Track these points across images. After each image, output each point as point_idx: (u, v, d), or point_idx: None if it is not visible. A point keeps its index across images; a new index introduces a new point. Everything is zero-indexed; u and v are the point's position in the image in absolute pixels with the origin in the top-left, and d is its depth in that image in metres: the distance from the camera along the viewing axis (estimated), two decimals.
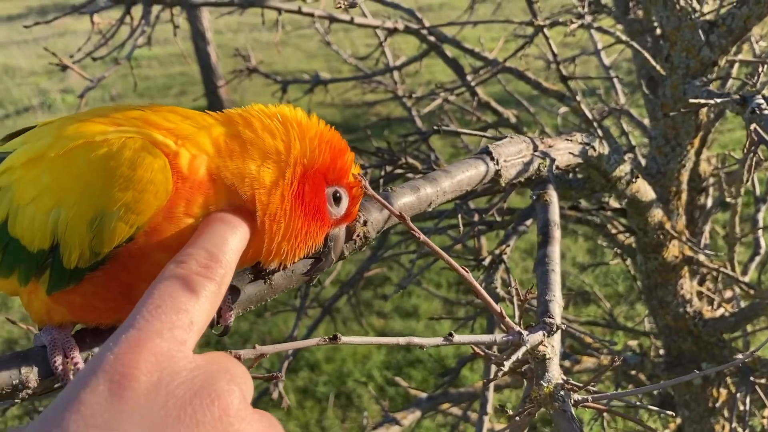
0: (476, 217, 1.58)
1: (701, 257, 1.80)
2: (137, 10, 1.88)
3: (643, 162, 2.10)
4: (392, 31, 2.11)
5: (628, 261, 2.48)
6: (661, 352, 2.35)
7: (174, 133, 0.64)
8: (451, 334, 0.65)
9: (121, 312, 0.63)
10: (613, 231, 2.01)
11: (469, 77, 2.21)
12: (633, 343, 2.59)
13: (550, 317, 0.77)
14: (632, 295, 4.43)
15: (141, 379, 0.45)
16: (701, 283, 2.14)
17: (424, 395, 2.23)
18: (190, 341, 0.50)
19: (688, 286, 1.83)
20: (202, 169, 0.63)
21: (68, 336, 0.65)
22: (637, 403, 0.78)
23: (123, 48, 1.93)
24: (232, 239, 0.60)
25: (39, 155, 0.64)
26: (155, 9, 1.89)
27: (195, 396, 0.45)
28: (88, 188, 0.60)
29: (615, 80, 2.78)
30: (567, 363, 2.04)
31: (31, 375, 0.62)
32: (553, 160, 1.05)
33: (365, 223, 0.79)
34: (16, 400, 0.61)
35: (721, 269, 1.90)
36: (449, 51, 2.20)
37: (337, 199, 0.71)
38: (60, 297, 0.64)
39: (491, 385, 1.38)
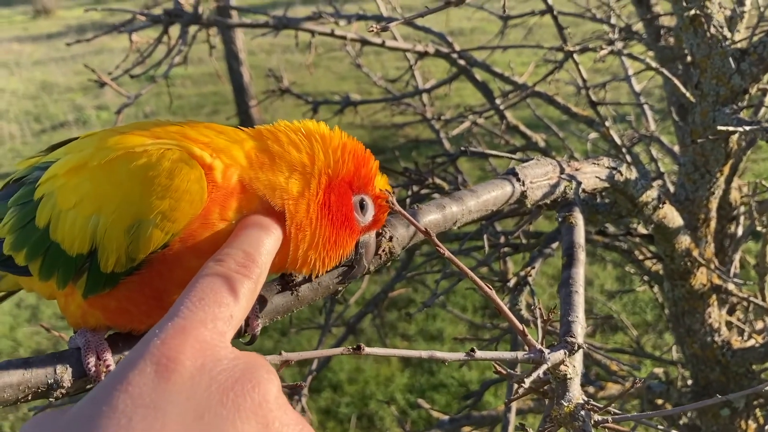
0: (502, 239, 1.59)
1: (730, 286, 1.78)
2: (175, 30, 1.93)
3: (671, 189, 2.09)
4: (423, 55, 2.14)
5: (656, 289, 2.45)
6: (689, 382, 2.31)
7: (210, 147, 0.67)
8: (473, 350, 0.66)
9: (152, 317, 0.66)
10: (641, 257, 2.00)
11: (498, 101, 2.23)
12: (659, 370, 2.55)
13: (572, 336, 0.77)
14: (660, 324, 4.36)
15: (186, 363, 0.47)
16: (731, 312, 2.11)
17: (446, 418, 2.23)
18: (228, 334, 0.53)
19: (716, 314, 1.80)
20: (235, 177, 0.66)
21: (101, 339, 0.68)
22: (660, 427, 0.78)
23: (159, 66, 1.99)
24: (267, 241, 0.63)
25: (81, 164, 0.67)
26: (192, 29, 1.95)
27: (236, 382, 0.48)
28: (128, 196, 0.63)
29: (645, 107, 2.78)
30: (591, 389, 2.02)
31: (65, 375, 0.64)
32: (579, 183, 1.06)
33: (390, 238, 0.80)
34: (51, 399, 0.64)
35: (751, 299, 1.87)
36: (479, 75, 2.22)
37: (363, 207, 0.73)
38: (95, 301, 0.67)
39: (513, 407, 1.38)
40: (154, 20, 1.86)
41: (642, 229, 1.71)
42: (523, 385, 0.69)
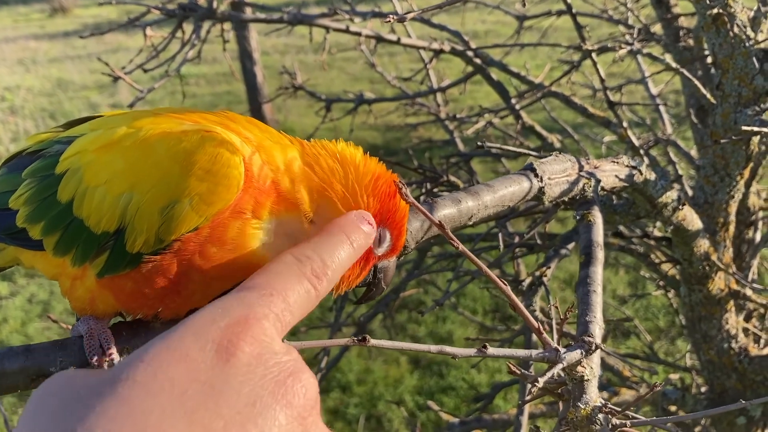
0: (516, 240, 1.56)
1: (748, 291, 1.75)
2: (189, 25, 1.92)
3: (689, 192, 2.06)
4: (438, 53, 2.12)
5: (671, 294, 2.41)
6: (704, 389, 2.27)
7: (252, 142, 0.66)
8: (485, 346, 0.63)
9: (165, 302, 0.65)
10: (656, 260, 1.96)
11: (513, 101, 2.20)
12: (674, 377, 2.51)
13: (589, 336, 0.75)
14: (673, 331, 4.32)
15: (246, 350, 0.48)
16: (748, 319, 2.07)
17: (456, 420, 2.20)
18: (283, 332, 0.54)
19: (733, 320, 1.77)
20: (270, 178, 0.65)
21: (105, 327, 0.66)
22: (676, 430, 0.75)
23: (173, 61, 1.98)
24: (345, 255, 0.62)
25: (114, 141, 0.66)
26: (206, 24, 1.93)
27: (289, 377, 0.49)
28: (165, 176, 0.62)
29: (662, 109, 2.74)
30: (605, 394, 1.99)
31: (67, 364, 0.63)
32: (598, 181, 1.03)
33: None
34: None
35: None
36: (494, 74, 2.20)
37: (381, 239, 0.72)
38: (111, 281, 0.65)
39: (526, 409, 1.35)
40: (168, 14, 1.85)
41: (658, 232, 1.68)
42: (537, 384, 0.67)
